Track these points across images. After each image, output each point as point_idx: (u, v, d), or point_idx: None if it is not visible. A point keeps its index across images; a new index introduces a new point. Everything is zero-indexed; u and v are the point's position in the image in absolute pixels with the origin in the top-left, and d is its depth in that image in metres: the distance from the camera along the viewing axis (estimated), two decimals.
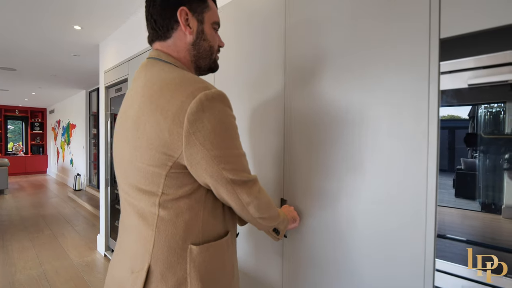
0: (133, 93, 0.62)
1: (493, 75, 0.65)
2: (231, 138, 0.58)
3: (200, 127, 0.53)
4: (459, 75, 0.70)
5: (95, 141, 5.80)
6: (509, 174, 0.70)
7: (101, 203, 2.85)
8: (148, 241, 0.59)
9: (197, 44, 0.67)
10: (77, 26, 2.48)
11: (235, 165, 0.59)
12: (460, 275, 0.72)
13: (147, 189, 0.58)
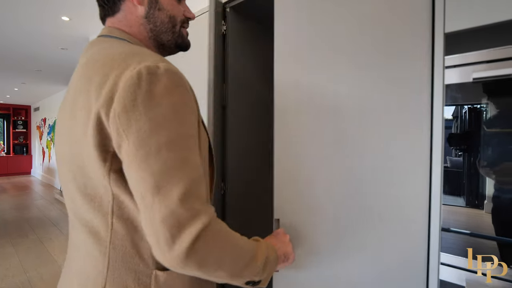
0: (76, 74, 0.53)
1: (497, 69, 0.68)
2: (170, 130, 0.43)
3: (128, 107, 0.41)
4: (463, 69, 0.74)
5: None
6: (487, 171, 0.75)
7: None
8: (100, 261, 0.48)
9: (151, 16, 0.58)
10: (65, 17, 2.47)
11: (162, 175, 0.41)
12: (459, 266, 0.75)
13: (94, 193, 0.48)
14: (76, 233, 0.53)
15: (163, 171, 0.41)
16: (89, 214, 0.49)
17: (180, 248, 0.40)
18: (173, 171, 0.42)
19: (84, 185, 0.49)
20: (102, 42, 0.55)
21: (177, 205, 0.41)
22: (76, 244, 0.54)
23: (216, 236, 0.44)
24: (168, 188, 0.41)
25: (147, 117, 0.42)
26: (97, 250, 0.49)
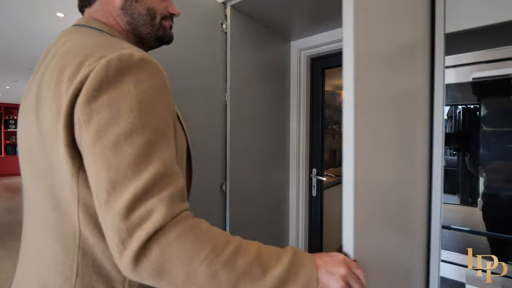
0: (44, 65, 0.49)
1: (495, 69, 0.72)
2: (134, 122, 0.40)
3: (91, 96, 0.39)
4: (463, 69, 0.77)
5: None
6: (478, 170, 0.78)
7: None
8: (68, 267, 0.44)
9: (127, 8, 0.56)
10: (60, 13, 2.47)
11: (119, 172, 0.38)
12: (459, 263, 0.78)
13: (61, 195, 0.45)
14: (40, 236, 0.48)
15: (121, 166, 0.38)
16: (55, 217, 0.45)
17: (128, 254, 0.37)
18: (132, 166, 0.38)
19: (52, 186, 0.45)
20: (77, 32, 0.53)
21: (130, 204, 0.37)
22: (38, 247, 0.49)
23: (178, 239, 0.38)
24: (123, 185, 0.38)
25: (108, 107, 0.39)
26: (65, 256, 0.45)
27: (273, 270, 0.42)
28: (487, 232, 0.77)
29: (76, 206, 0.44)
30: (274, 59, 1.69)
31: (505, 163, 0.77)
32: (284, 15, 1.47)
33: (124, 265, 0.38)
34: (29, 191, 0.51)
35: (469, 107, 0.80)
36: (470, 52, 0.76)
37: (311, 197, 1.88)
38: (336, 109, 3.57)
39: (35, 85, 0.48)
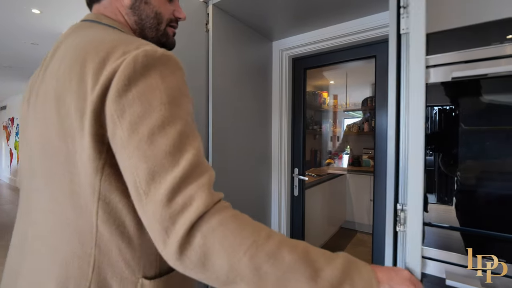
0: (56, 60, 0.48)
1: (473, 69, 0.71)
2: (166, 115, 0.40)
3: (122, 91, 0.39)
4: (443, 69, 0.76)
5: None
6: (451, 169, 0.79)
7: None
8: (85, 260, 0.44)
9: (136, 8, 0.55)
10: (36, 10, 2.32)
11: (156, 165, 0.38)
12: (439, 259, 0.78)
13: (80, 191, 0.44)
14: (56, 231, 0.47)
15: (158, 157, 0.38)
16: (74, 213, 0.45)
17: (172, 243, 0.36)
18: (169, 156, 0.38)
19: (70, 181, 0.44)
20: (89, 27, 0.52)
21: (170, 192, 0.37)
22: (53, 243, 0.47)
23: (220, 227, 0.37)
24: (162, 175, 0.37)
25: (140, 101, 0.39)
26: (82, 251, 0.44)
27: (324, 272, 0.38)
28: (466, 228, 0.76)
29: (95, 202, 0.43)
30: (257, 59, 1.65)
31: (477, 162, 0.77)
32: (266, 14, 1.43)
33: (170, 255, 0.36)
34: (41, 188, 0.49)
35: (445, 108, 0.80)
36: (449, 52, 0.76)
37: (293, 197, 1.86)
38: (317, 109, 3.59)
39: (51, 80, 0.46)
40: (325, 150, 4.00)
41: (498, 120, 0.75)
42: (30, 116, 0.51)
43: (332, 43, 1.59)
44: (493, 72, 0.70)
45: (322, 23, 1.53)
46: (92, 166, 0.41)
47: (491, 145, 0.75)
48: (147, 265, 0.46)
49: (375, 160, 1.55)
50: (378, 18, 1.38)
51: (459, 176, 0.79)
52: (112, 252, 0.44)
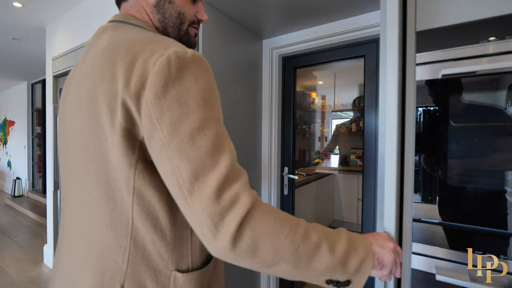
0: (89, 61, 0.50)
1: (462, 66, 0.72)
2: (202, 116, 0.41)
3: (160, 93, 0.40)
4: (432, 66, 0.77)
5: (39, 140, 5.27)
6: (434, 168, 0.80)
7: (48, 209, 2.59)
8: (120, 255, 0.45)
9: (160, 6, 0.57)
10: (17, 3, 2.21)
11: (198, 164, 0.40)
12: (428, 255, 0.78)
13: (115, 186, 0.45)
14: (93, 225, 0.48)
15: (200, 157, 0.40)
16: (110, 207, 0.46)
17: (225, 237, 0.39)
18: (210, 156, 0.41)
19: (106, 176, 0.46)
20: (118, 27, 0.53)
21: (217, 191, 0.39)
22: (90, 236, 0.49)
23: (264, 220, 0.41)
24: (205, 174, 0.40)
25: (178, 103, 0.41)
26: (118, 245, 0.46)
27: (338, 246, 0.46)
28: (456, 223, 0.77)
29: (130, 196, 0.45)
30: (247, 57, 1.63)
31: (459, 160, 0.78)
32: (257, 12, 1.41)
33: (221, 247, 0.39)
34: (77, 181, 0.51)
35: (429, 108, 0.81)
36: (438, 50, 0.76)
37: (282, 196, 1.85)
38: (306, 109, 3.61)
39: (84, 80, 0.48)
40: (314, 150, 4.02)
41: (483, 118, 0.76)
42: (65, 113, 0.54)
43: (322, 42, 1.58)
44: (482, 70, 0.70)
45: (313, 22, 1.53)
46: (125, 161, 0.43)
47: (473, 143, 0.76)
48: (180, 258, 0.48)
49: (364, 160, 1.56)
50: (368, 18, 1.39)
51: (441, 176, 0.80)
52: (147, 245, 0.46)
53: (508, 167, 0.72)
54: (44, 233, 3.47)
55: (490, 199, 0.75)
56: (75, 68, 0.56)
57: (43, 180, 5.11)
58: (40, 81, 5.15)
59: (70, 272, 0.51)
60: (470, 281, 0.71)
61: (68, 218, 0.54)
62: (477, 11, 0.70)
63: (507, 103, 0.72)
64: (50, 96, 2.53)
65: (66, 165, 0.55)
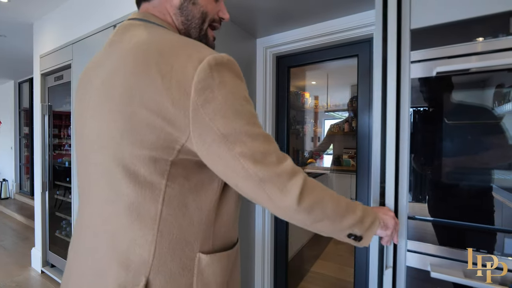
0: (116, 59, 0.51)
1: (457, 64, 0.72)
2: (248, 113, 0.48)
3: (209, 97, 0.44)
4: (427, 64, 0.77)
5: (27, 141, 5.13)
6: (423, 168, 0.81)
7: (36, 211, 2.52)
8: (145, 249, 0.48)
9: (184, 8, 0.58)
10: None
11: (256, 148, 0.46)
12: (424, 252, 0.79)
13: (148, 179, 0.47)
14: (118, 220, 0.50)
15: (257, 146, 0.47)
16: (138, 201, 0.48)
17: (292, 197, 0.48)
18: (261, 145, 0.47)
19: (135, 173, 0.47)
20: (142, 26, 0.54)
21: (279, 167, 0.48)
22: (113, 231, 0.50)
23: (314, 187, 0.52)
24: (266, 157, 0.47)
25: (227, 105, 0.45)
26: (144, 238, 0.48)
27: (358, 209, 0.59)
28: (448, 220, 0.77)
29: (160, 192, 0.48)
30: (241, 56, 1.62)
31: (451, 158, 0.79)
32: (251, 10, 1.40)
33: (288, 205, 0.48)
34: (100, 181, 0.52)
35: (419, 109, 0.81)
36: (432, 48, 0.76)
37: None
38: (299, 109, 3.62)
39: (115, 78, 0.49)
40: (307, 150, 4.04)
41: (474, 116, 0.77)
42: (88, 110, 0.54)
43: (316, 42, 1.58)
44: (475, 67, 0.71)
45: (307, 21, 1.53)
46: (162, 158, 0.47)
47: (467, 141, 0.77)
48: (204, 241, 0.52)
49: (358, 159, 1.56)
50: (361, 18, 1.40)
51: (430, 175, 0.81)
52: (174, 234, 0.49)
53: (496, 165, 0.73)
54: (31, 236, 3.38)
55: (478, 196, 0.76)
56: (94, 65, 0.56)
57: (31, 182, 4.98)
58: (27, 80, 5.02)
59: (90, 269, 0.52)
60: (464, 278, 0.71)
61: (88, 215, 0.55)
62: (469, 9, 0.71)
63: (494, 103, 0.73)
64: (38, 95, 2.47)
65: (85, 163, 0.56)
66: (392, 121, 0.81)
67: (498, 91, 0.72)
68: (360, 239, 0.60)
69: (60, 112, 2.37)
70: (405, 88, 0.78)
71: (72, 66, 2.00)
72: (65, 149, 2.39)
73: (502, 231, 0.71)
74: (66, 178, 2.23)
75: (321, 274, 2.36)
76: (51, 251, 2.40)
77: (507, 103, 0.71)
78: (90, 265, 0.52)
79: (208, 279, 0.52)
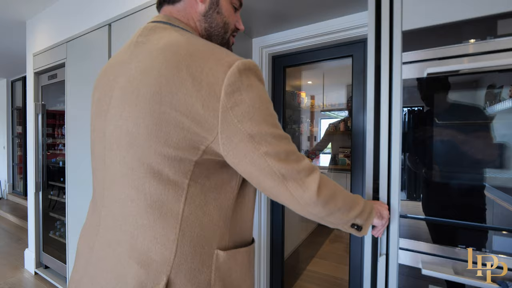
0: (142, 60, 0.52)
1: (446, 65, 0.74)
2: (272, 116, 0.52)
3: (238, 100, 0.47)
4: (418, 65, 0.79)
5: (20, 140, 5.08)
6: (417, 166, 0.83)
7: (29, 212, 2.50)
8: (167, 248, 0.49)
9: (209, 16, 0.61)
10: None
11: (280, 148, 0.50)
12: (415, 250, 0.80)
13: (172, 178, 0.49)
14: (138, 220, 0.51)
15: (281, 146, 0.50)
16: (159, 201, 0.49)
17: (311, 192, 0.52)
18: (284, 145, 0.51)
19: (159, 172, 0.49)
20: (166, 30, 0.55)
21: (300, 165, 0.52)
22: (132, 231, 0.51)
23: (328, 183, 0.56)
24: (288, 156, 0.51)
25: (254, 108, 0.48)
26: (166, 237, 0.49)
27: (360, 200, 0.65)
28: (440, 218, 0.79)
29: (183, 191, 0.50)
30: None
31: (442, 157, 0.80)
32: (247, 9, 1.41)
33: (310, 194, 0.52)
34: (121, 180, 0.52)
35: (414, 109, 0.82)
36: (423, 49, 0.78)
37: None
38: (295, 109, 3.63)
39: (143, 79, 0.50)
40: (304, 149, 4.06)
41: (465, 116, 0.79)
42: (105, 111, 0.55)
43: (311, 42, 1.60)
44: (464, 69, 0.73)
45: (302, 22, 1.54)
46: (187, 155, 0.48)
47: (456, 141, 0.79)
48: (221, 237, 0.55)
49: (352, 158, 1.58)
50: (355, 18, 1.41)
51: (424, 173, 0.82)
52: (195, 232, 0.51)
53: (488, 164, 0.75)
54: (25, 237, 3.35)
55: (469, 194, 0.78)
56: (116, 65, 0.57)
57: (24, 182, 4.93)
58: (20, 78, 4.97)
59: (108, 267, 0.52)
60: (454, 275, 0.73)
61: (105, 214, 0.56)
62: (458, 12, 0.73)
63: (485, 103, 0.75)
64: (31, 94, 2.45)
65: (105, 161, 0.56)
66: (385, 121, 0.83)
67: (489, 92, 0.74)
68: (361, 228, 0.66)
69: (54, 111, 2.36)
70: (397, 89, 0.80)
71: (66, 65, 1.99)
72: (59, 149, 2.37)
73: (492, 229, 0.73)
74: (60, 178, 2.22)
75: (317, 273, 2.38)
76: (45, 252, 2.39)
77: (498, 103, 0.73)
78: (108, 263, 0.53)
79: (225, 275, 0.54)
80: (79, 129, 1.89)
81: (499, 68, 0.69)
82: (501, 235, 0.71)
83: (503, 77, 0.71)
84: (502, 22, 0.68)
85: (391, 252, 0.83)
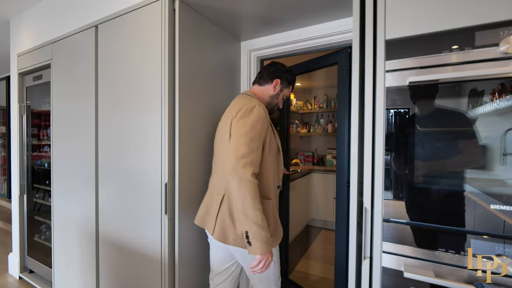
0: (226, 111, 1.23)
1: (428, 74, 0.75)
2: (249, 135, 1.05)
3: (235, 122, 1.10)
4: (400, 73, 0.80)
5: (4, 141, 4.90)
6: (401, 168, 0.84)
7: (13, 215, 2.41)
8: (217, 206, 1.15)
9: (273, 98, 1.30)
10: None
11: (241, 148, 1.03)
12: (397, 253, 0.81)
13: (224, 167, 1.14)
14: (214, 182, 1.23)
15: (240, 144, 1.05)
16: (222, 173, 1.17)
17: (238, 172, 1.01)
18: (243, 146, 1.04)
19: (222, 162, 1.17)
20: (242, 96, 1.26)
21: (241, 156, 1.03)
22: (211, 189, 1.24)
23: (248, 181, 1.00)
24: (240, 150, 1.04)
25: (243, 127, 1.08)
26: (218, 199, 1.16)
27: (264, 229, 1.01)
28: (422, 223, 0.80)
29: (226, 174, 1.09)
30: (225, 59, 1.62)
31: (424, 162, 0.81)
32: (235, 12, 1.40)
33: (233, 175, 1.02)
34: (217, 160, 1.24)
35: (400, 111, 0.84)
36: (406, 58, 0.79)
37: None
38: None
39: (226, 114, 1.22)
40: (293, 151, 4.07)
41: (446, 123, 0.80)
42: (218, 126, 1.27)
43: (298, 46, 1.60)
44: (444, 78, 0.74)
45: (289, 26, 1.54)
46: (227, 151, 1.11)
47: (437, 147, 0.80)
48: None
49: (337, 160, 1.59)
50: (341, 24, 1.43)
51: (407, 175, 0.84)
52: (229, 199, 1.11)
53: (466, 167, 0.77)
54: (8, 241, 3.23)
55: (452, 198, 0.79)
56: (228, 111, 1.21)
57: (8, 184, 4.76)
58: (4, 78, 4.78)
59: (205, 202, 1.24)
60: (435, 277, 0.75)
61: (213, 172, 1.27)
62: (438, 23, 0.74)
63: (468, 107, 0.76)
64: (15, 94, 2.36)
65: (215, 149, 1.26)
66: (369, 126, 0.84)
67: (470, 99, 0.76)
68: (250, 244, 1.00)
69: (40, 111, 2.28)
70: (380, 96, 0.81)
71: (52, 66, 1.92)
72: (44, 150, 2.30)
73: (471, 233, 0.74)
74: (46, 181, 2.15)
75: (305, 273, 2.39)
76: (30, 256, 2.31)
77: (478, 107, 0.74)
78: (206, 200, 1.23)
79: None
80: (64, 131, 1.84)
81: (476, 78, 0.71)
82: (482, 239, 0.73)
83: (482, 84, 0.73)
84: (479, 34, 0.70)
85: (375, 256, 0.84)
